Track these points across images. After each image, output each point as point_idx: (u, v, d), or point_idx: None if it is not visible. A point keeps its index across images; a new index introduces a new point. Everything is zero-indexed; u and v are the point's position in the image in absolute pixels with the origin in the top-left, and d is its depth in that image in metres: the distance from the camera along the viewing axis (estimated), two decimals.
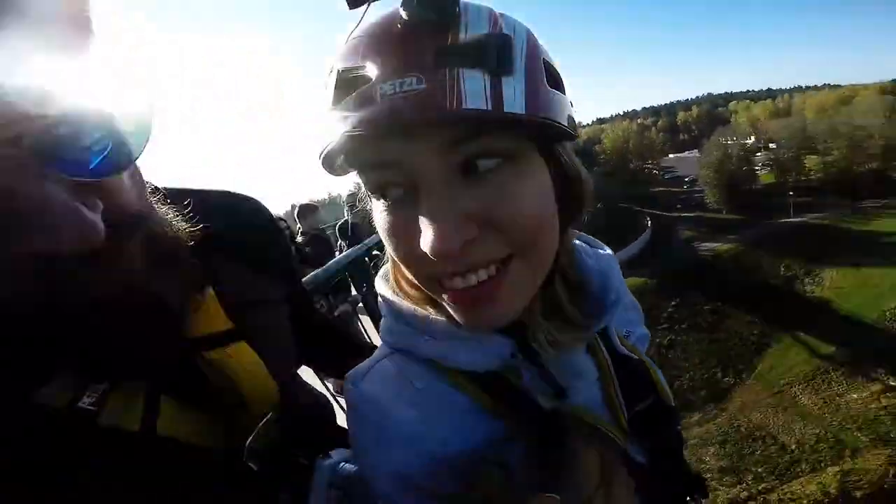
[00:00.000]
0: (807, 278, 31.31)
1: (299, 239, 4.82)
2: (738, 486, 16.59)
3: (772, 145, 56.18)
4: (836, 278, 30.27)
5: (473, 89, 0.36)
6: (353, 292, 4.52)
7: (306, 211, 5.15)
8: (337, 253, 5.32)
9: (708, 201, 47.31)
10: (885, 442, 18.05)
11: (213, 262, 0.67)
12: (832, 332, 25.22)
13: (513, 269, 0.44)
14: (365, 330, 3.53)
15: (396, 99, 0.36)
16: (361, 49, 0.39)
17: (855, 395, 20.93)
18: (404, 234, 0.44)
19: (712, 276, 30.99)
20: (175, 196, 0.63)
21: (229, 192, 0.81)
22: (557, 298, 0.55)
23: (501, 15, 0.41)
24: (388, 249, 0.49)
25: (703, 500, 0.67)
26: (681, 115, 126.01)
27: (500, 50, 0.38)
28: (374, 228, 0.51)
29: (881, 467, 16.29)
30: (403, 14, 0.38)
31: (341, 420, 0.79)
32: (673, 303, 28.47)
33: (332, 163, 0.45)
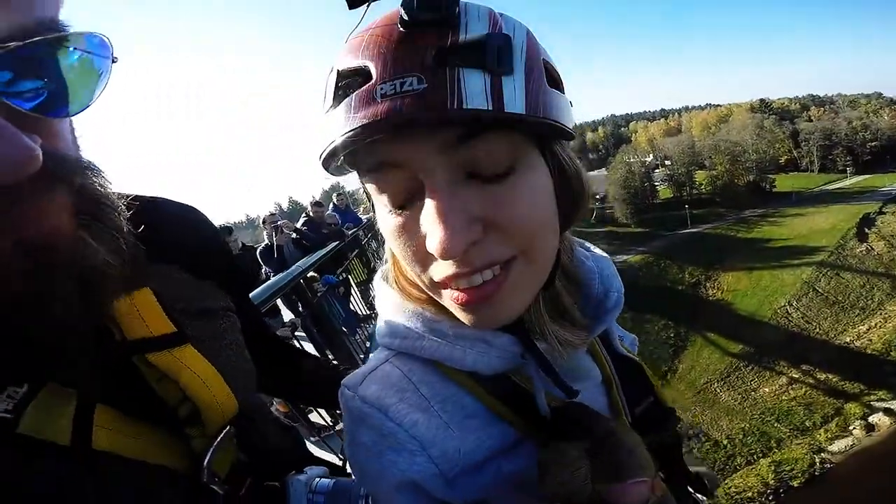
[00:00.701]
0: (708, 283, 34.37)
1: None
2: None
3: (667, 162, 61.80)
4: (732, 281, 33.52)
5: (474, 89, 0.36)
6: (290, 316, 4.28)
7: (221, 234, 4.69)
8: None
9: (617, 216, 50.83)
10: (802, 431, 19.76)
11: (155, 267, 0.60)
12: (736, 331, 27.57)
13: (515, 269, 0.44)
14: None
15: (396, 99, 0.36)
16: (361, 49, 0.39)
17: (767, 389, 22.79)
18: (408, 234, 0.44)
19: (627, 284, 32.54)
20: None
21: (172, 200, 0.75)
22: (560, 298, 0.55)
23: (501, 15, 0.41)
24: (392, 250, 0.49)
25: (705, 499, 0.67)
26: (589, 136, 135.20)
27: (500, 50, 0.38)
28: (293, 254, 0.47)
29: (806, 456, 17.78)
30: (403, 14, 0.38)
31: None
32: None
33: (331, 164, 0.45)
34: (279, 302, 4.14)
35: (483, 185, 0.41)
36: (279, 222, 5.39)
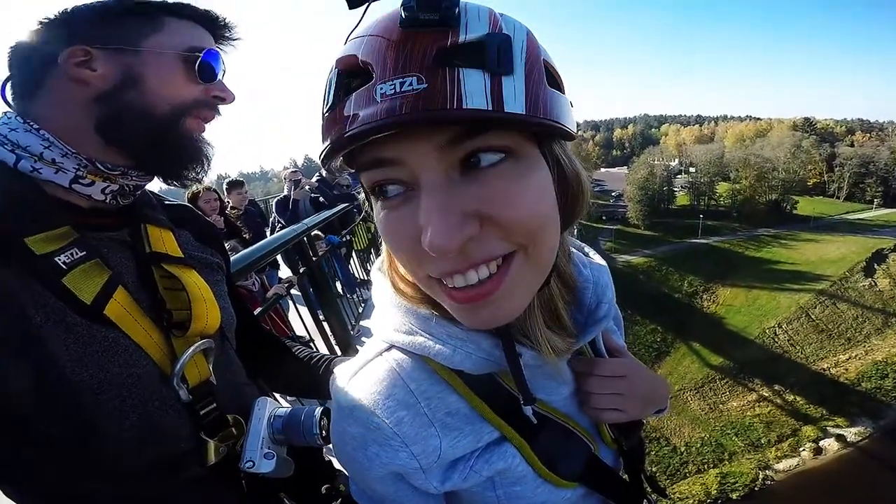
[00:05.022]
0: (705, 294, 34.47)
1: (229, 211, 4.59)
2: None
3: (692, 169, 60.41)
4: (729, 297, 33.56)
5: (474, 89, 0.36)
6: (286, 273, 4.32)
7: (234, 186, 5.05)
8: (268, 232, 5.30)
9: (629, 216, 50.37)
10: (755, 447, 20.60)
11: (174, 227, 0.84)
12: (721, 345, 27.85)
13: (514, 266, 0.44)
14: (300, 315, 3.17)
15: (396, 99, 0.36)
16: (361, 49, 0.40)
17: (735, 403, 23.33)
18: (404, 232, 0.43)
19: (625, 285, 33.01)
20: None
21: (183, 203, 1.02)
22: (553, 302, 0.55)
23: (501, 15, 0.41)
24: (388, 248, 0.50)
25: (660, 499, 0.75)
26: (617, 132, 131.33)
27: (500, 50, 0.38)
28: (308, 210, 0.52)
29: (752, 471, 18.42)
30: (403, 14, 0.38)
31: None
32: None
33: (331, 162, 0.45)
34: (279, 257, 4.20)
35: (481, 183, 0.40)
36: (301, 178, 5.49)
